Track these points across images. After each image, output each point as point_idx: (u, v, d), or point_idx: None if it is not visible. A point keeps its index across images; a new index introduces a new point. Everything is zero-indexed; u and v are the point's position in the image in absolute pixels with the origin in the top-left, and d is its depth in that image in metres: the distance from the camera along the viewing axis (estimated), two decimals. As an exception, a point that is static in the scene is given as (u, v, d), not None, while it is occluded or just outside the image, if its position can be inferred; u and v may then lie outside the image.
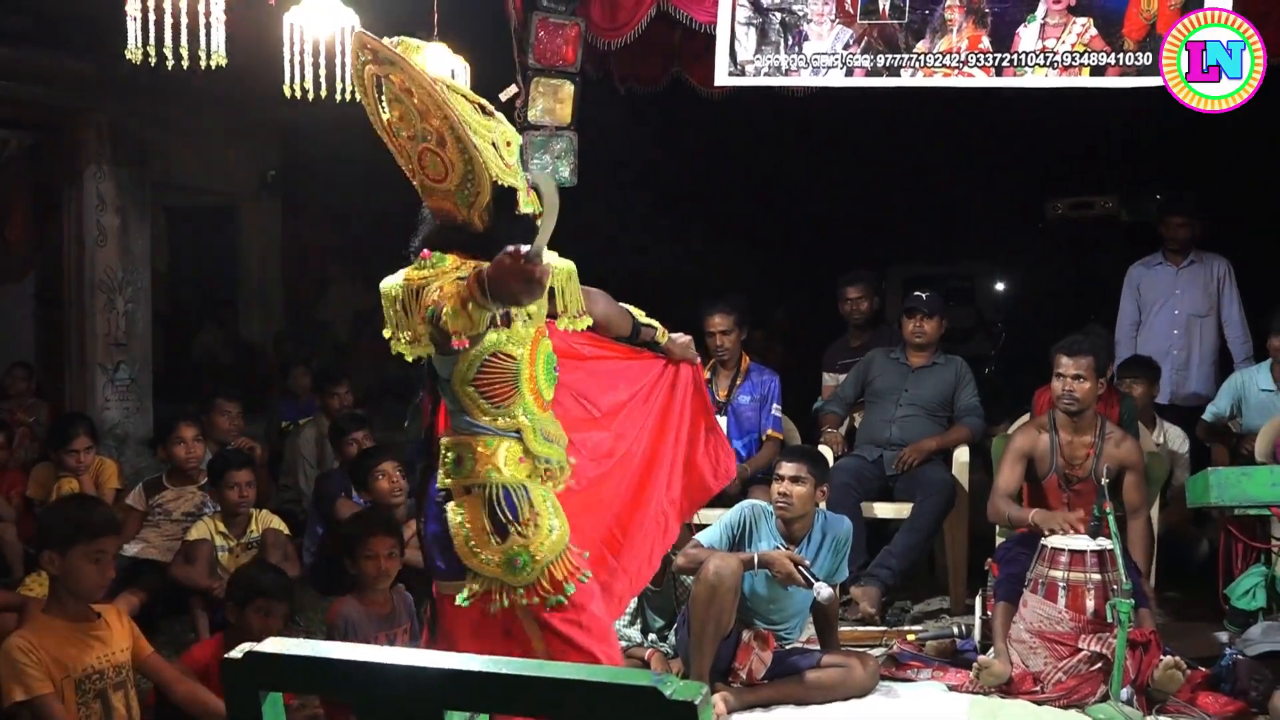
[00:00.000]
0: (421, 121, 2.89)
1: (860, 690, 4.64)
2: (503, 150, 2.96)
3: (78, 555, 3.48)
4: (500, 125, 3.01)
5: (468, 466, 3.06)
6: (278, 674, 1.96)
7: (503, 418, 3.06)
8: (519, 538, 2.99)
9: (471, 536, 3.01)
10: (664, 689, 1.70)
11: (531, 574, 2.98)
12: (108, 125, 8.09)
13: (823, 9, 5.59)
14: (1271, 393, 5.99)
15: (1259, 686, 4.38)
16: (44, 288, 8.43)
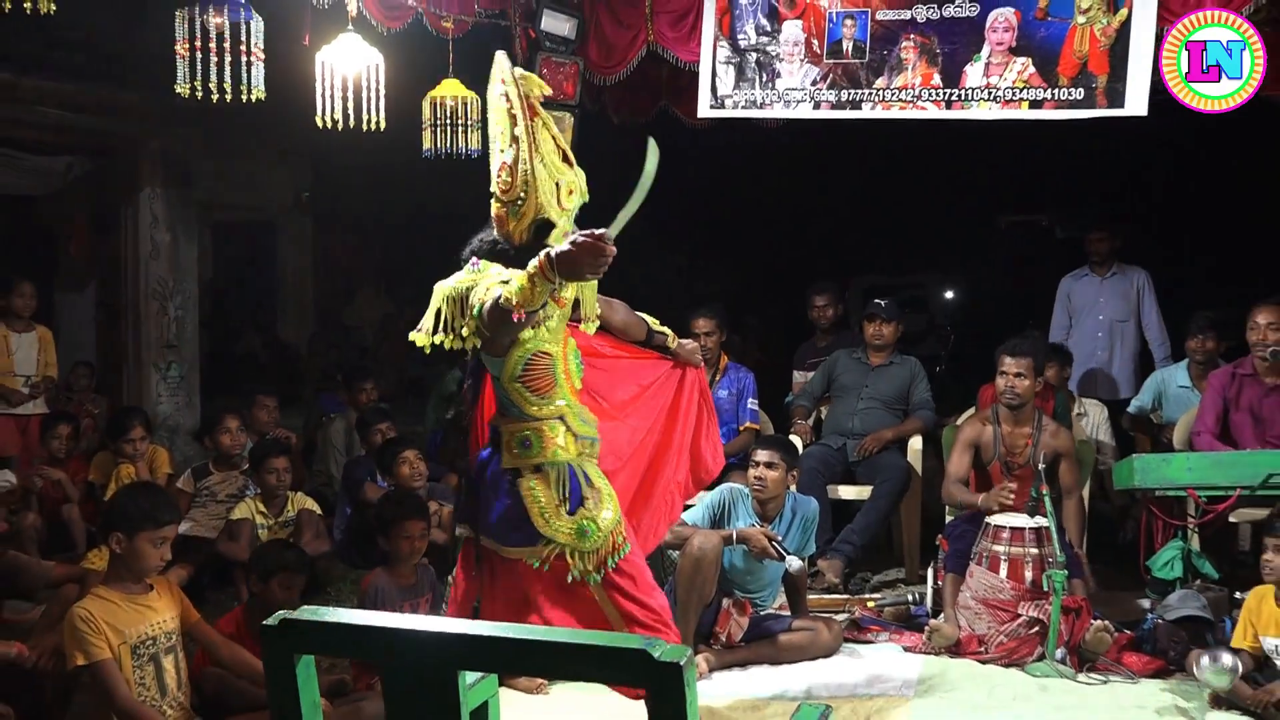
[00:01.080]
0: (511, 138, 3.13)
1: (826, 651, 4.63)
2: (562, 193, 3.19)
3: (143, 539, 3.47)
4: (573, 174, 3.24)
5: (536, 448, 3.21)
6: (310, 639, 1.95)
7: (547, 406, 3.21)
8: (586, 510, 3.19)
9: (546, 509, 3.17)
10: (653, 651, 1.70)
11: (598, 540, 3.18)
12: (160, 152, 8.07)
13: (793, 50, 5.58)
14: (1188, 389, 6.00)
15: (1176, 647, 4.39)
16: (104, 296, 8.40)
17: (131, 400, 7.73)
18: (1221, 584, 4.79)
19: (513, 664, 2.10)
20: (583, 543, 3.18)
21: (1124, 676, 4.36)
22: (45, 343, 6.75)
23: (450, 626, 1.89)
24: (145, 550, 3.47)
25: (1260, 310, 5.24)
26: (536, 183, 3.12)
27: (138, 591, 3.52)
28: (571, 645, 1.82)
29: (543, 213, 3.17)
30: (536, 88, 3.21)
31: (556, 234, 3.17)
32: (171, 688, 3.51)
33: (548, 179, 3.15)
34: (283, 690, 1.95)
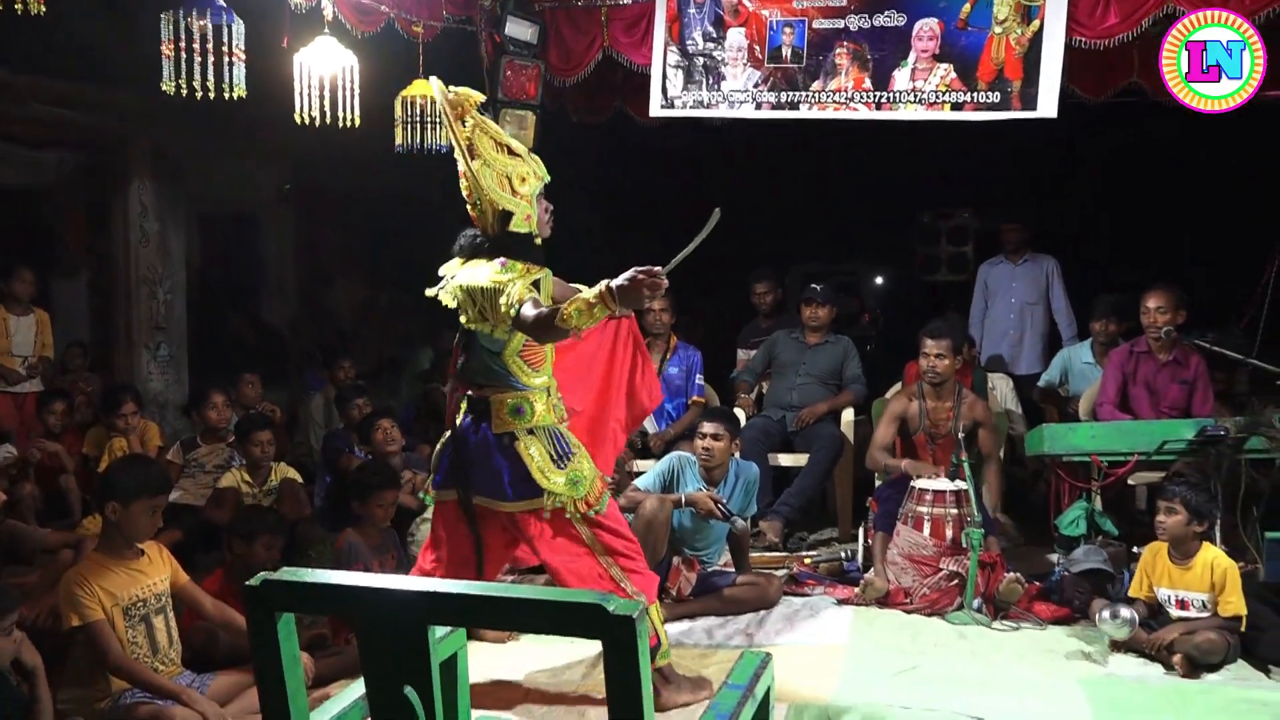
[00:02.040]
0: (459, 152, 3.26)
1: (768, 604, 4.66)
2: (514, 183, 3.27)
3: (137, 508, 3.42)
4: (523, 163, 3.31)
5: (528, 414, 3.33)
6: (290, 598, 1.93)
7: (538, 378, 3.36)
8: (573, 464, 3.33)
9: (543, 466, 3.28)
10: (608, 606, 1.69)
11: (586, 488, 3.33)
12: (149, 147, 7.90)
13: (737, 55, 5.57)
14: (1091, 365, 6.08)
15: (1081, 596, 4.46)
16: (97, 281, 8.23)
17: (123, 378, 7.58)
18: (1121, 540, 4.87)
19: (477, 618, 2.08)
20: (575, 491, 3.31)
21: (1034, 624, 4.42)
22: (43, 325, 6.63)
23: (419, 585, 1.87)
24: (139, 518, 3.42)
25: (1149, 296, 5.31)
26: (482, 183, 3.23)
27: (130, 556, 3.46)
28: (532, 601, 1.80)
29: (499, 205, 3.26)
30: (466, 100, 3.28)
31: (518, 219, 3.27)
32: (163, 645, 3.46)
33: (492, 176, 3.24)
34: (265, 646, 1.92)
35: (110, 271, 8.01)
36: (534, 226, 3.31)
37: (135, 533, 3.44)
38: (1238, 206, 7.66)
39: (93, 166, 7.96)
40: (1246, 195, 7.47)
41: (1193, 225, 8.66)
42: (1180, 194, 8.57)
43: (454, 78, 5.58)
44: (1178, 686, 3.74)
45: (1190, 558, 4.04)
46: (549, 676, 3.84)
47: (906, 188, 10.21)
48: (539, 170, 3.35)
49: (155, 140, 7.87)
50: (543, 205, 3.37)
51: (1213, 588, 3.96)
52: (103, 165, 7.92)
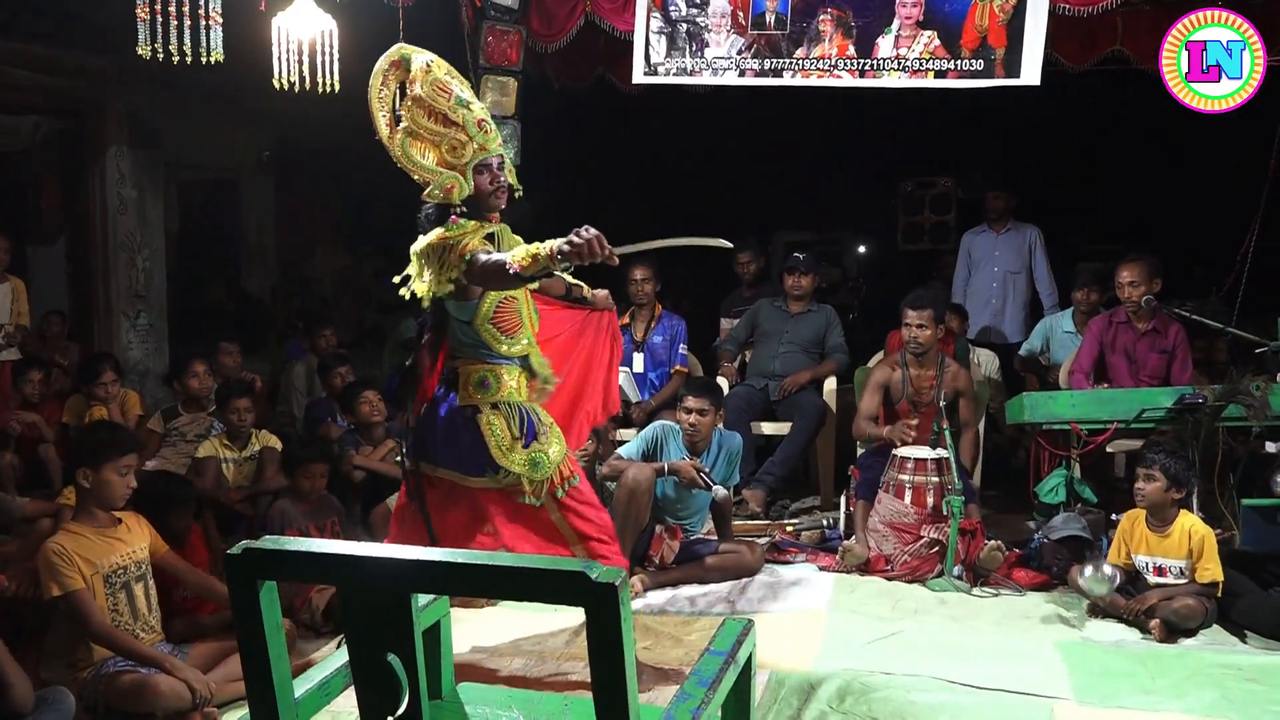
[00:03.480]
0: None
1: (750, 571, 4.68)
2: (444, 151, 3.19)
3: (107, 470, 3.40)
4: (456, 133, 3.19)
5: (493, 388, 3.28)
6: (272, 566, 1.91)
7: (514, 345, 3.30)
8: (539, 445, 3.27)
9: (503, 442, 3.23)
10: (590, 573, 1.69)
11: (548, 471, 3.27)
12: (125, 112, 7.79)
13: (720, 21, 5.53)
14: (1072, 334, 6.10)
15: (1060, 563, 4.50)
16: (74, 248, 8.13)
17: (102, 346, 7.52)
18: (1099, 507, 4.91)
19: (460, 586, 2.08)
20: (535, 473, 3.25)
21: (1013, 590, 4.46)
22: (19, 293, 6.55)
23: (402, 553, 1.86)
24: (111, 480, 3.41)
25: (1122, 269, 5.32)
26: (409, 158, 3.17)
27: (107, 524, 3.45)
28: (515, 569, 1.80)
29: (433, 178, 3.19)
30: (420, 73, 3.18)
31: (433, 189, 3.19)
32: (143, 612, 3.46)
33: (421, 149, 3.18)
34: (247, 614, 1.91)
35: (88, 239, 7.91)
36: (454, 197, 3.20)
37: (108, 496, 3.43)
38: (1220, 175, 7.68)
39: (69, 132, 7.86)
40: (1229, 164, 7.48)
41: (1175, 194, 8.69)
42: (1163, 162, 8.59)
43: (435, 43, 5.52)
44: (1154, 651, 3.78)
45: (1168, 525, 4.07)
46: (532, 644, 3.85)
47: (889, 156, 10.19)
48: (483, 140, 3.22)
49: (132, 105, 7.76)
50: (488, 176, 3.26)
51: (1190, 554, 4.01)
52: (79, 131, 7.81)
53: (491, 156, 3.26)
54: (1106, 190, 9.40)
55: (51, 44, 7.01)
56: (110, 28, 6.23)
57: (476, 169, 3.23)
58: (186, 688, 3.17)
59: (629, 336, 6.13)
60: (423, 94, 3.14)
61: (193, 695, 3.17)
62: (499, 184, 3.30)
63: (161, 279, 8.20)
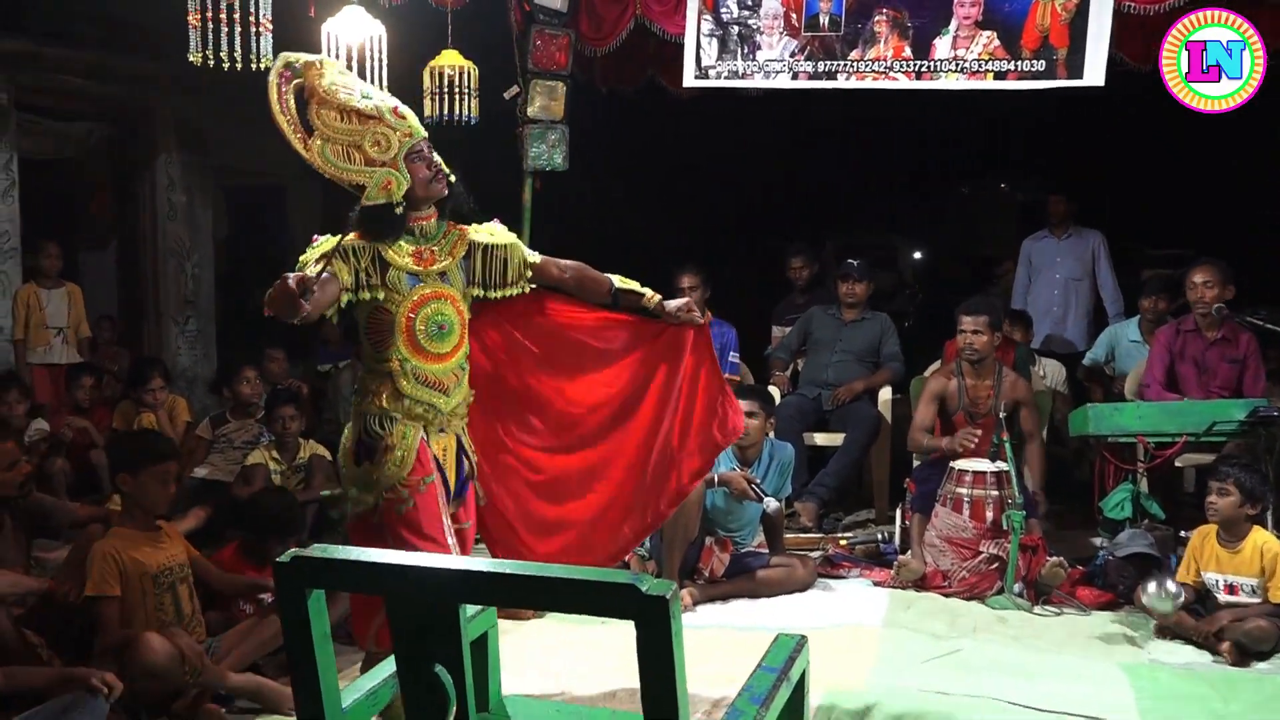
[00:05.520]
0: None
1: (802, 586, 4.66)
2: (368, 149, 2.98)
3: (146, 475, 3.52)
4: (375, 126, 2.99)
5: (360, 394, 3.10)
6: (320, 575, 1.94)
7: (381, 361, 3.05)
8: (370, 465, 3.00)
9: (343, 455, 3.09)
10: (640, 585, 1.69)
11: (374, 498, 3.00)
12: (175, 119, 7.97)
13: (773, 23, 5.52)
14: (1138, 343, 6.00)
15: (1125, 581, 4.42)
16: (124, 254, 8.33)
17: (151, 352, 7.68)
18: (1168, 524, 4.82)
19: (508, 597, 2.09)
20: (363, 492, 3.02)
21: (1076, 609, 4.39)
22: (74, 297, 6.78)
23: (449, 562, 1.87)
24: (150, 485, 3.52)
25: (1195, 270, 5.22)
26: (333, 164, 2.97)
27: (150, 530, 3.58)
28: (565, 580, 1.81)
29: (350, 179, 3.00)
30: (310, 68, 2.99)
31: (371, 189, 2.98)
32: (187, 613, 3.58)
33: (343, 152, 2.98)
34: (296, 624, 1.93)
35: (138, 245, 8.10)
36: (395, 194, 2.99)
37: (149, 501, 3.55)
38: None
39: (120, 138, 8.04)
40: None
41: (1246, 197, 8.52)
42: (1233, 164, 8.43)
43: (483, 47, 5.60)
44: (1225, 674, 3.70)
45: (1240, 541, 3.99)
46: (578, 656, 3.86)
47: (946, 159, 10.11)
48: (406, 127, 3.04)
49: (182, 112, 7.93)
50: (421, 162, 3.05)
51: (1263, 573, 3.92)
52: (130, 137, 8.00)
53: (419, 140, 3.06)
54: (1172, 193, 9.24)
55: (102, 50, 7.18)
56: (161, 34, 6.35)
57: (408, 157, 3.02)
58: (178, 649, 3.19)
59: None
60: (325, 95, 2.96)
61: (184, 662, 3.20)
62: (435, 168, 3.08)
63: (210, 285, 8.36)
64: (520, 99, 5.67)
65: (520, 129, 5.71)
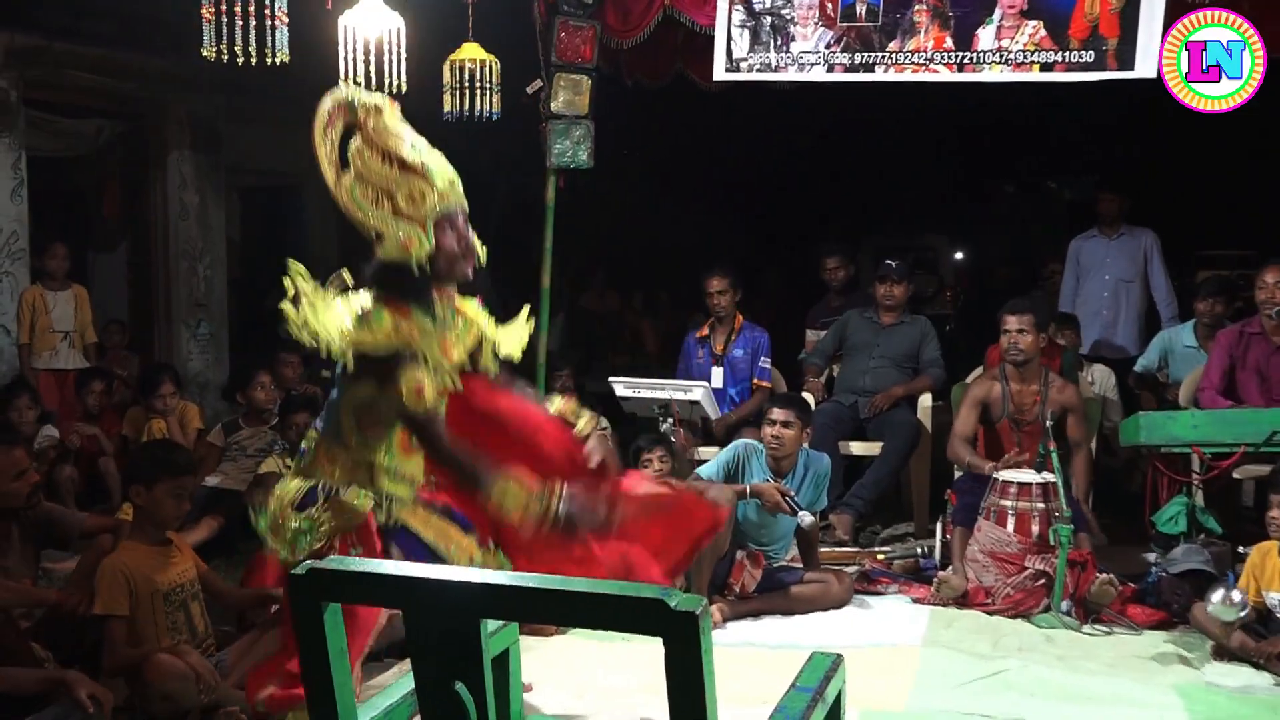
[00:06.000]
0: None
1: (837, 602, 4.64)
2: (400, 200, 2.81)
3: (160, 490, 3.54)
4: (415, 180, 2.82)
5: (310, 458, 2.90)
6: (337, 588, 1.95)
7: (363, 449, 2.86)
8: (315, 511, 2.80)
9: (279, 514, 2.84)
10: (669, 601, 1.69)
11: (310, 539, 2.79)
12: (188, 116, 8.06)
13: (807, 13, 5.51)
14: (1194, 349, 5.94)
15: (1179, 599, 4.38)
16: (135, 255, 8.43)
17: (162, 357, 7.75)
18: (1225, 539, 4.76)
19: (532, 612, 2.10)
20: (284, 547, 2.80)
21: (1127, 628, 4.35)
22: (81, 300, 6.84)
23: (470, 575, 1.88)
24: (164, 500, 3.55)
25: (1270, 269, 5.18)
26: (359, 205, 2.81)
27: (162, 543, 3.61)
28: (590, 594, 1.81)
29: (388, 229, 2.82)
30: (373, 108, 2.84)
31: (391, 242, 2.80)
32: (200, 630, 3.60)
33: (362, 192, 2.82)
34: (311, 638, 1.95)
35: (149, 246, 8.19)
36: (414, 254, 2.79)
37: (161, 516, 3.58)
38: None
39: (131, 136, 8.13)
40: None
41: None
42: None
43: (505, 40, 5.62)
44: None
45: (1303, 559, 3.94)
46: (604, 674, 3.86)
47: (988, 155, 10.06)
48: (448, 190, 2.87)
49: (194, 109, 8.01)
50: (453, 235, 2.87)
51: (1328, 592, 3.87)
52: (141, 135, 8.09)
53: (455, 208, 2.88)
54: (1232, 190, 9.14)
55: (114, 46, 7.26)
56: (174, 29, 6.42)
57: (439, 223, 2.84)
58: (190, 669, 3.22)
59: (708, 349, 6.14)
60: (373, 133, 2.82)
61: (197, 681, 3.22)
62: (467, 246, 2.91)
63: (222, 287, 8.44)
64: (543, 94, 5.70)
65: (543, 125, 5.73)
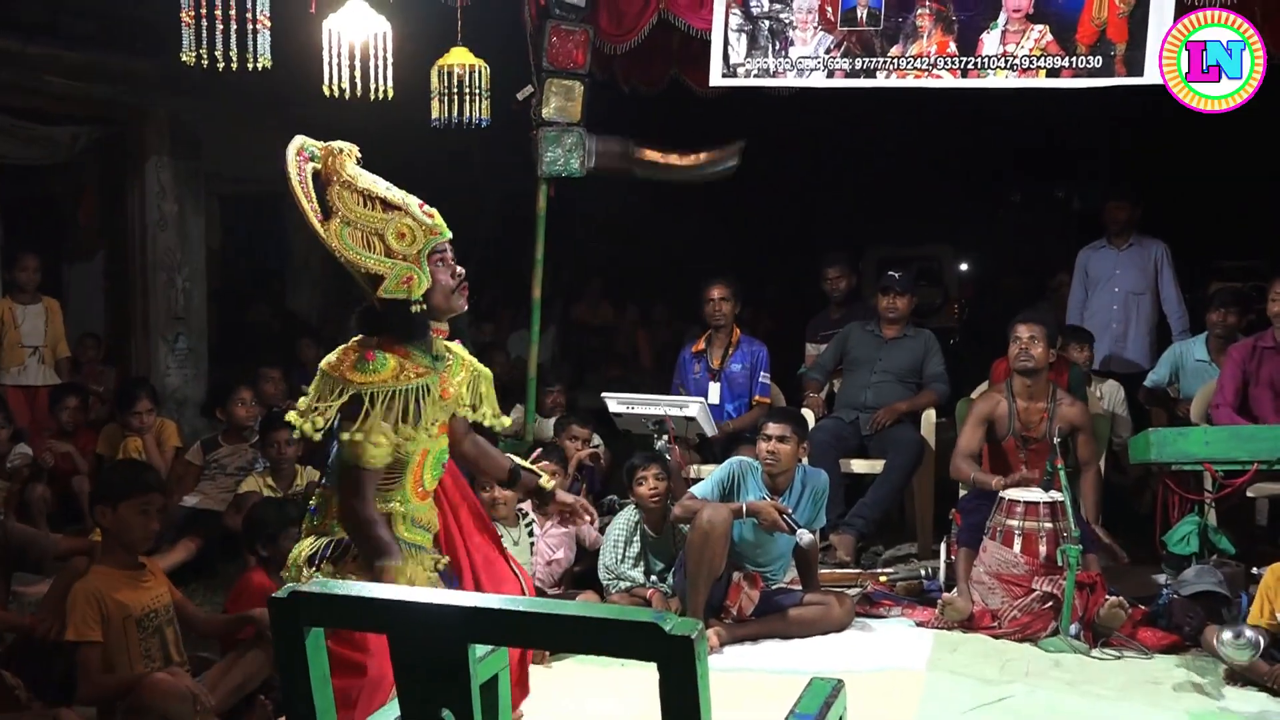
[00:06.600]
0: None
1: (838, 626, 4.64)
2: (390, 240, 2.87)
3: (126, 508, 3.52)
4: (400, 218, 2.89)
5: (321, 515, 2.99)
6: (319, 611, 1.95)
7: (379, 502, 2.91)
8: (333, 568, 2.90)
9: (293, 571, 2.92)
10: (664, 625, 1.69)
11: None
12: (166, 121, 8.08)
13: (806, 17, 5.54)
14: (1205, 363, 5.96)
15: (1192, 622, 4.39)
16: (112, 266, 8.44)
17: (139, 372, 7.76)
18: (1238, 560, 4.77)
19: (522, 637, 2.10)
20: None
21: (1138, 652, 4.35)
22: (53, 313, 6.82)
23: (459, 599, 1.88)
24: (131, 520, 3.53)
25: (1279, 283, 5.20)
26: (351, 250, 2.86)
27: (133, 567, 3.59)
28: (582, 619, 1.81)
29: (365, 266, 2.88)
30: (334, 156, 2.91)
31: (391, 282, 2.87)
32: (174, 658, 3.58)
33: (351, 236, 2.87)
34: (293, 662, 1.95)
35: (126, 256, 8.19)
36: (414, 291, 2.89)
37: (129, 537, 3.55)
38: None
39: (108, 142, 8.15)
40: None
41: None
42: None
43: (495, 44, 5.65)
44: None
45: (1318, 580, 3.95)
46: (596, 700, 3.86)
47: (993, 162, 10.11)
48: (433, 224, 2.94)
49: (174, 114, 8.04)
50: (444, 268, 2.96)
51: (1344, 614, 3.88)
52: (118, 141, 8.11)
53: (443, 241, 2.96)
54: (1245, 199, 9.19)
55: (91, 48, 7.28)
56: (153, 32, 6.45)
57: (431, 258, 2.92)
58: (187, 690, 3.24)
59: (704, 363, 6.16)
60: (348, 178, 2.89)
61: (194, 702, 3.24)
62: (459, 278, 3.01)
63: (202, 300, 8.44)
64: (535, 100, 5.72)
65: (534, 132, 5.75)
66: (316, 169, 2.90)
